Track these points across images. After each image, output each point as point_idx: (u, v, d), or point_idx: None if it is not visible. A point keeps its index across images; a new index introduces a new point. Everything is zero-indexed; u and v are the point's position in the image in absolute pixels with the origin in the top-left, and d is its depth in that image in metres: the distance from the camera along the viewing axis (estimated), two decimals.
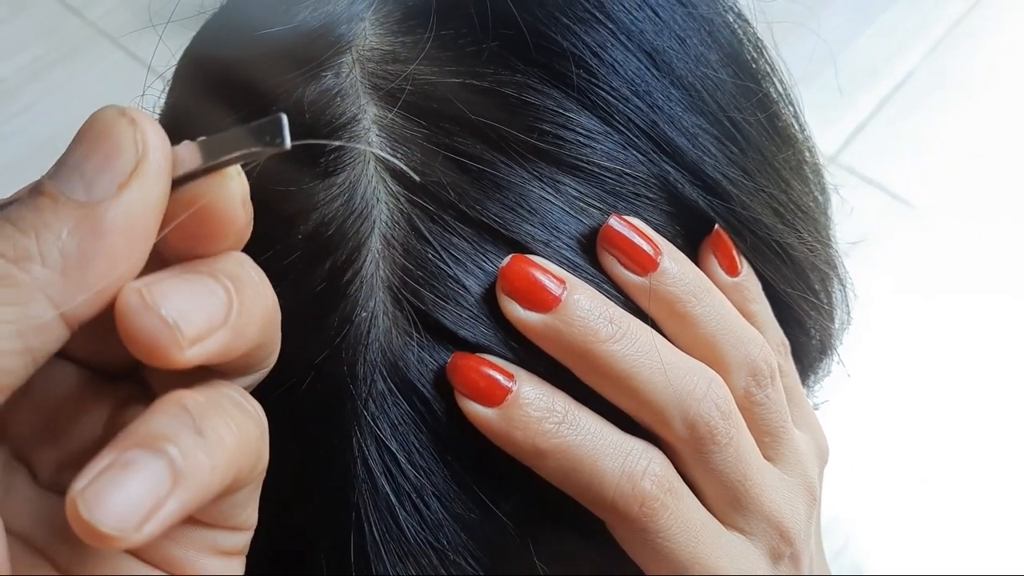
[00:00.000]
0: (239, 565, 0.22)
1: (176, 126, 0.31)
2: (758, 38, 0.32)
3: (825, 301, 0.34)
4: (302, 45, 0.28)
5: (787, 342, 0.32)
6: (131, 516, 0.17)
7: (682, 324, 0.28)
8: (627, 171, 0.28)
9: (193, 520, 0.21)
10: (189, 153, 0.20)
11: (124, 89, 0.31)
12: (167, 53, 0.33)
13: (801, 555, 0.31)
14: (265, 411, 0.26)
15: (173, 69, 0.32)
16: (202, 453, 0.18)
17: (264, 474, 0.21)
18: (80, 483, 0.17)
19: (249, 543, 0.23)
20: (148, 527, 0.17)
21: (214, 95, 0.29)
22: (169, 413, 0.19)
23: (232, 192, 0.20)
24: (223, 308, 0.19)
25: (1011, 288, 0.92)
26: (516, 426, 0.25)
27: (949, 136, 1.04)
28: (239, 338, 0.20)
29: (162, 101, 0.32)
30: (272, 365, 0.22)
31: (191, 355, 0.18)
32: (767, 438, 0.30)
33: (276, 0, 0.29)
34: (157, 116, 0.32)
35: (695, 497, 0.28)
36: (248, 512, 0.22)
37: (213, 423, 0.19)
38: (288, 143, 0.20)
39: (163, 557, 0.21)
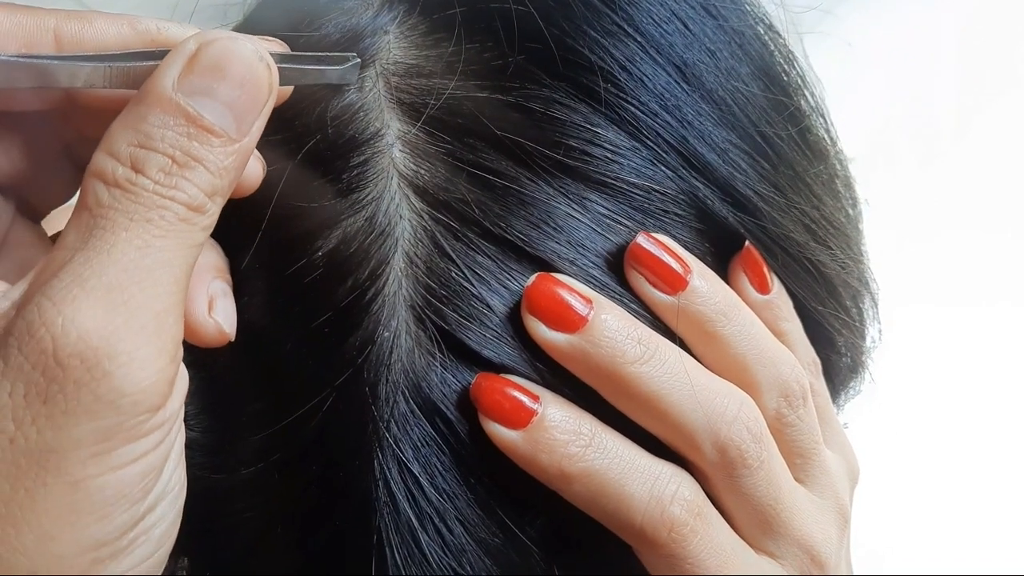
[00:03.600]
0: None
1: None
2: (789, 50, 0.31)
3: (856, 319, 0.33)
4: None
5: (818, 361, 0.31)
6: (233, 323, 0.26)
7: (712, 344, 0.27)
8: (656, 187, 0.27)
9: None
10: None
11: None
12: None
13: None
14: (287, 431, 0.26)
15: None
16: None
17: None
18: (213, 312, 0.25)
19: None
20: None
21: None
22: (217, 253, 0.27)
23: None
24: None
25: None
26: (542, 449, 0.25)
27: (964, 131, 1.03)
28: None
29: None
30: None
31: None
32: (798, 460, 0.29)
33: (300, 12, 0.29)
34: None
35: (724, 521, 0.27)
36: None
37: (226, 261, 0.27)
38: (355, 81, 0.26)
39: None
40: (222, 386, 0.28)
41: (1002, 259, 0.94)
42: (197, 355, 0.29)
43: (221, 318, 0.25)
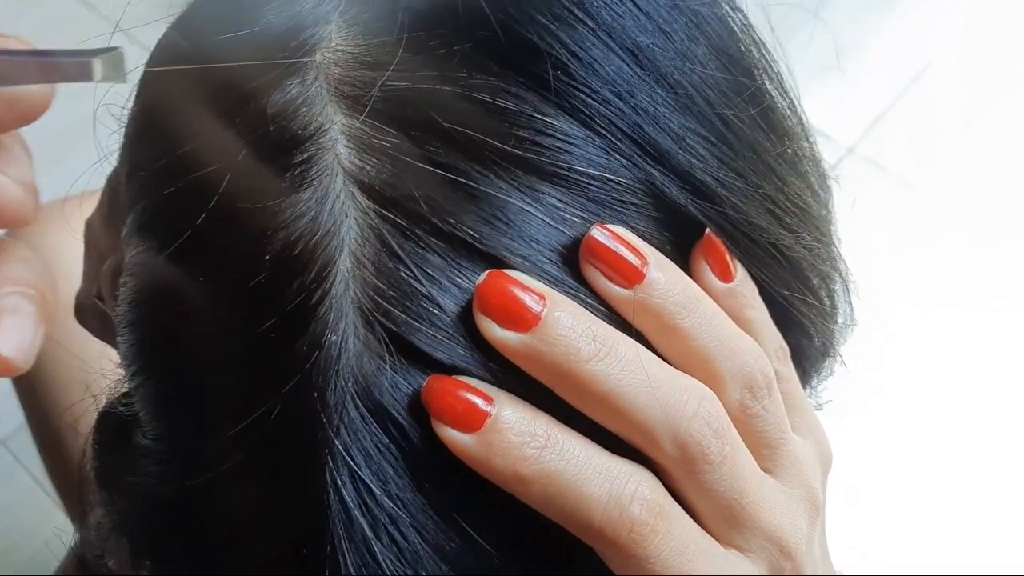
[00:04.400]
0: None
1: (143, 134, 0.29)
2: (749, 25, 0.30)
3: (827, 301, 0.32)
4: (266, 50, 0.27)
5: (786, 346, 0.31)
6: (27, 350, 0.22)
7: (672, 337, 0.26)
8: (611, 177, 0.26)
9: None
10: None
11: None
12: None
13: (803, 567, 0.29)
14: (235, 442, 0.25)
15: None
16: (49, 294, 0.23)
17: None
18: None
19: None
20: (31, 358, 0.22)
21: (179, 104, 0.28)
22: (19, 263, 0.23)
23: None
24: (29, 160, 0.23)
25: None
26: (496, 452, 0.24)
27: (970, 127, 1.01)
28: None
29: None
30: None
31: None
32: (765, 450, 0.29)
33: (240, 2, 0.28)
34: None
35: (688, 517, 0.27)
36: None
37: (46, 268, 0.24)
38: (126, 77, 0.23)
39: None
40: (170, 393, 0.27)
41: (1002, 259, 0.93)
42: (147, 361, 0.28)
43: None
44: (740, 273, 0.29)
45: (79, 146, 0.30)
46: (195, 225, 0.26)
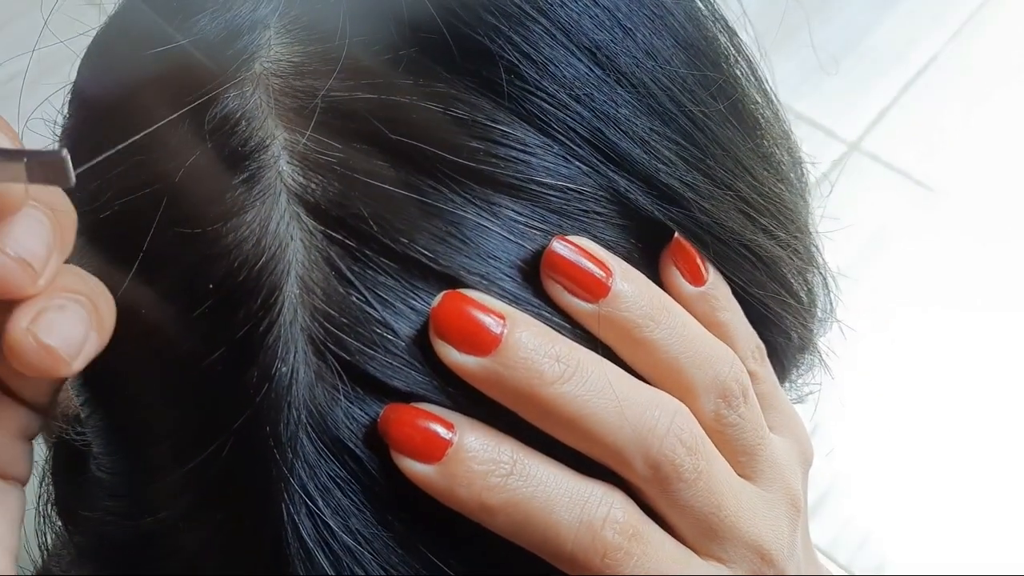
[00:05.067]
0: (32, 451, 0.26)
1: (75, 150, 0.28)
2: (716, 10, 0.29)
3: (804, 297, 0.31)
4: (201, 59, 0.25)
5: (762, 345, 0.30)
6: (74, 344, 0.21)
7: (641, 350, 0.25)
8: (571, 186, 0.25)
9: (14, 399, 0.25)
10: None
11: None
12: None
13: (785, 572, 0.29)
14: (186, 480, 0.24)
15: None
16: (104, 306, 0.23)
17: None
18: (23, 321, 0.21)
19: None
20: (80, 358, 0.22)
21: (111, 119, 0.26)
22: (75, 274, 0.23)
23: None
24: (52, 233, 0.21)
25: None
26: (459, 483, 0.23)
27: (974, 122, 0.99)
28: (67, 253, 0.22)
29: None
30: None
31: (41, 285, 0.21)
32: (743, 457, 0.28)
33: (173, 7, 0.26)
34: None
35: (664, 534, 0.26)
36: (55, 392, 0.26)
37: (101, 286, 0.23)
38: (73, 181, 0.21)
39: None
40: (118, 429, 0.26)
41: (1007, 256, 0.91)
42: (97, 391, 0.27)
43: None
44: (712, 275, 0.27)
45: None
46: (132, 252, 0.24)
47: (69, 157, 0.20)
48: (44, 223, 0.22)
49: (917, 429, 0.81)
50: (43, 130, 0.30)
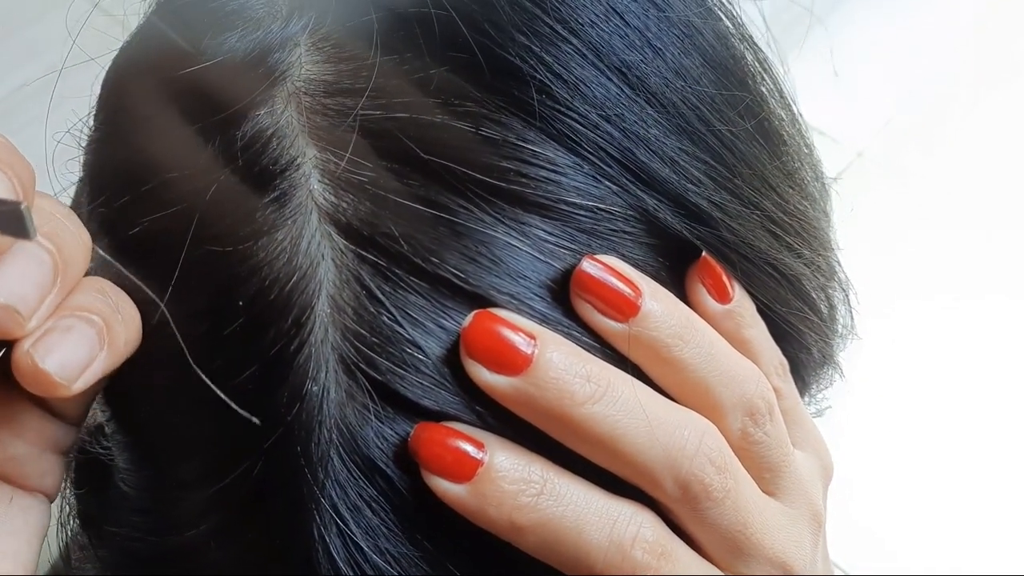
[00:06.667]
0: (64, 466, 0.26)
1: (103, 167, 0.28)
2: (743, 27, 0.29)
3: (826, 313, 0.31)
4: (232, 77, 0.25)
5: (785, 362, 0.30)
6: (73, 368, 0.21)
7: (670, 370, 0.25)
8: (601, 206, 0.25)
9: (43, 411, 0.24)
10: None
11: None
12: None
13: None
14: (216, 499, 0.24)
15: None
16: (119, 326, 0.23)
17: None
18: (26, 342, 0.21)
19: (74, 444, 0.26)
20: (82, 379, 0.22)
21: (140, 136, 0.26)
22: (93, 291, 0.23)
23: None
24: (51, 273, 0.22)
25: None
26: (490, 503, 0.23)
27: (977, 131, 1.00)
28: (67, 290, 0.22)
29: None
30: None
31: (30, 328, 0.21)
32: (768, 474, 0.28)
33: (203, 23, 0.26)
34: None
35: (692, 552, 0.26)
36: (87, 406, 0.26)
37: (124, 303, 0.24)
38: (33, 234, 0.20)
39: (9, 455, 0.24)
40: (149, 444, 0.26)
41: (1011, 264, 0.91)
42: (118, 410, 0.27)
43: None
44: (737, 293, 0.27)
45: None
46: (162, 269, 0.24)
47: (28, 210, 0.20)
48: (43, 262, 0.21)
49: (916, 429, 0.81)
50: (68, 140, 0.30)
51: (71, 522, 0.30)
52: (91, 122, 0.29)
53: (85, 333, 0.22)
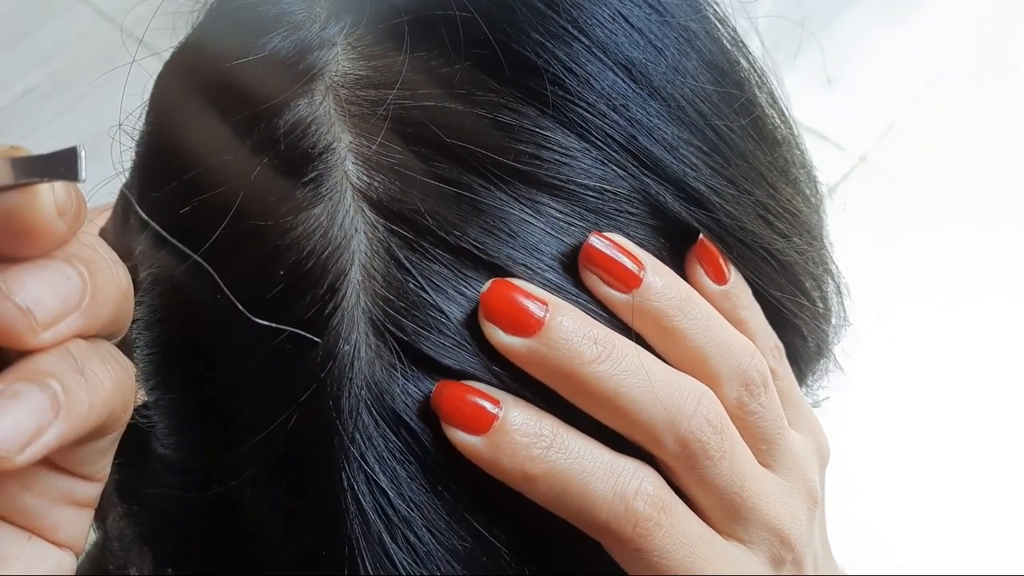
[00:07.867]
0: (88, 518, 0.24)
1: (155, 156, 0.30)
2: (738, 38, 0.32)
3: (820, 303, 0.33)
4: (275, 73, 0.28)
5: (780, 345, 0.32)
6: (15, 439, 0.19)
7: (670, 338, 0.28)
8: (607, 187, 0.27)
9: (51, 466, 0.23)
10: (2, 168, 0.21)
11: None
12: None
13: (804, 559, 0.30)
14: (255, 451, 0.26)
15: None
16: (82, 391, 0.21)
17: (125, 425, 0.24)
18: None
19: (99, 498, 0.24)
20: (29, 451, 0.19)
21: (190, 126, 0.29)
22: (54, 353, 0.21)
23: (44, 205, 0.21)
24: (77, 293, 0.21)
25: None
26: (504, 453, 0.25)
27: (978, 136, 1.02)
28: (93, 319, 0.21)
29: None
30: (122, 335, 0.24)
31: (45, 339, 0.20)
32: (763, 446, 0.30)
33: (248, 27, 0.29)
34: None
35: (691, 511, 0.28)
36: (104, 463, 0.24)
37: (93, 366, 0.21)
38: (82, 176, 0.20)
39: (16, 507, 0.23)
40: (189, 407, 0.28)
41: (1014, 269, 0.93)
42: (165, 376, 0.29)
43: None
44: (734, 275, 0.30)
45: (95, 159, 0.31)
46: (209, 243, 0.27)
47: (82, 153, 0.20)
48: (72, 281, 0.21)
49: (915, 429, 0.82)
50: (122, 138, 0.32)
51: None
52: (142, 121, 0.32)
53: (35, 400, 0.20)
